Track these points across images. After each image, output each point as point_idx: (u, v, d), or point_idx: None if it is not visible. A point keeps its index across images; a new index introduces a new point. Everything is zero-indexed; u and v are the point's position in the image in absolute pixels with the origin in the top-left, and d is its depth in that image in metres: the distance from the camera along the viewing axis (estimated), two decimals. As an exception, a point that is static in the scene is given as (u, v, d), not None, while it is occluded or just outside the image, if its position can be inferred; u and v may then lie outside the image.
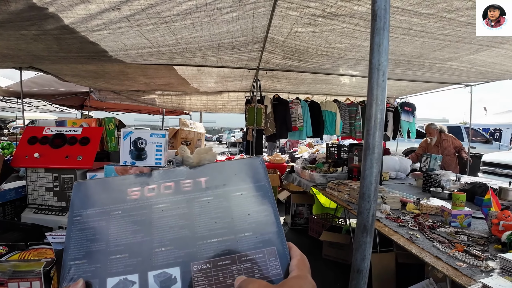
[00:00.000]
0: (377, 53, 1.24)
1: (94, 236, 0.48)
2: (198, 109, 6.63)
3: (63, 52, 2.93)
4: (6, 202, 1.85)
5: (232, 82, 5.07)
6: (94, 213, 0.50)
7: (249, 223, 0.51)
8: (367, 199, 1.28)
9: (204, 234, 0.49)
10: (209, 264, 0.47)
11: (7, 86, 6.94)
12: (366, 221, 1.28)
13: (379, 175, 1.25)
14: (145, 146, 1.56)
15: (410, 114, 6.78)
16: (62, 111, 9.33)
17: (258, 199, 0.53)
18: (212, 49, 3.03)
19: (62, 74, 4.77)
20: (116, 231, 0.49)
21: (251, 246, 0.49)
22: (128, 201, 0.51)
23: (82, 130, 1.94)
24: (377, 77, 1.25)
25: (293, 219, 5.22)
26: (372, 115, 1.24)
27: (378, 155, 1.24)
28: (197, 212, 0.51)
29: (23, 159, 1.85)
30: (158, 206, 0.51)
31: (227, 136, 24.59)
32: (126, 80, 4.93)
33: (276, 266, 0.48)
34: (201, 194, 0.53)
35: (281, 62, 3.68)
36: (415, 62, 3.56)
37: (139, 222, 0.50)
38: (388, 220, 2.64)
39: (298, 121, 5.60)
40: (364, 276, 1.30)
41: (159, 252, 0.47)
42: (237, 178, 0.55)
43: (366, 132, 1.26)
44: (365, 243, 1.29)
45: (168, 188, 0.53)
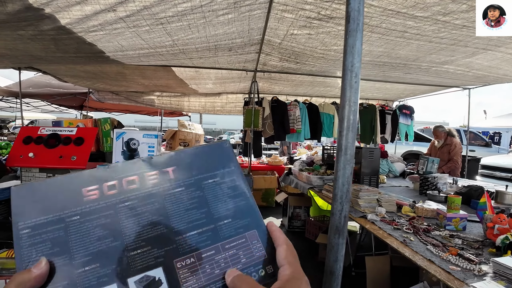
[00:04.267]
0: (350, 54, 1.25)
1: (52, 250, 0.42)
2: (197, 110, 6.64)
3: (60, 53, 2.94)
4: (0, 201, 1.85)
5: (230, 84, 5.08)
6: (46, 222, 0.43)
7: (226, 210, 0.49)
8: (339, 200, 1.28)
9: (182, 228, 0.47)
10: (193, 258, 0.45)
11: (6, 86, 6.96)
12: (338, 223, 1.29)
13: (351, 176, 1.25)
14: (137, 147, 1.56)
15: (408, 117, 6.79)
16: (62, 112, 9.34)
17: (231, 184, 0.52)
18: (209, 51, 3.04)
19: (61, 74, 4.77)
20: (78, 239, 0.43)
21: (232, 232, 0.48)
22: (86, 202, 0.45)
23: (76, 131, 1.95)
24: (350, 79, 1.25)
25: (290, 221, 5.22)
26: (345, 116, 1.25)
27: (350, 156, 1.25)
28: (170, 205, 0.48)
29: (18, 159, 1.85)
30: (124, 204, 0.46)
31: (227, 137, 24.61)
32: (124, 81, 4.93)
33: (259, 248, 0.48)
34: (170, 186, 0.49)
35: (278, 64, 3.69)
36: (411, 65, 3.56)
37: (105, 225, 0.44)
38: (383, 223, 2.64)
39: (296, 123, 5.60)
40: (336, 278, 1.30)
41: (135, 255, 0.43)
42: (206, 164, 0.52)
43: (339, 134, 1.27)
44: (337, 244, 1.29)
45: (131, 182, 0.48)
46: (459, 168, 5.10)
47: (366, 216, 2.81)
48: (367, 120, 6.34)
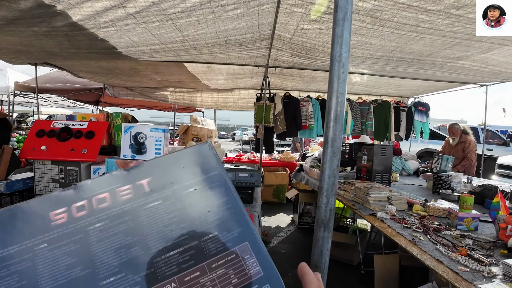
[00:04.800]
0: (338, 44, 1.21)
1: (20, 283, 0.38)
2: (209, 106, 6.68)
3: (74, 49, 2.99)
4: (14, 192, 1.91)
5: (242, 80, 5.08)
6: (14, 253, 0.39)
7: (211, 222, 0.43)
8: (325, 193, 1.26)
9: (160, 247, 0.41)
10: (174, 283, 0.39)
11: (24, 82, 7.14)
12: (323, 216, 1.27)
13: (338, 168, 1.24)
14: (145, 141, 1.59)
15: (424, 114, 6.65)
16: (78, 107, 9.54)
17: (215, 191, 0.46)
18: (220, 46, 3.04)
19: (76, 70, 4.87)
20: (46, 270, 0.39)
21: (219, 248, 0.42)
22: (54, 228, 0.41)
23: (87, 124, 1.99)
24: (338, 70, 1.22)
25: (300, 217, 5.21)
26: (331, 108, 1.22)
27: (337, 148, 1.23)
28: (146, 222, 0.42)
29: (31, 151, 1.91)
30: (94, 226, 0.41)
31: (240, 133, 24.66)
32: (138, 77, 5.00)
33: (253, 264, 0.41)
34: (146, 200, 0.44)
35: (289, 60, 3.67)
36: (425, 61, 3.49)
37: (74, 252, 0.40)
38: (393, 221, 2.62)
39: (308, 119, 5.56)
40: (321, 272, 1.28)
41: (108, 284, 0.38)
42: (186, 171, 0.46)
43: (326, 125, 1.25)
44: (322, 238, 1.27)
45: (102, 201, 0.43)
46: (474, 166, 4.98)
47: (375, 214, 2.78)
48: (381, 117, 6.24)
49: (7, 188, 1.87)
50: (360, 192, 3.08)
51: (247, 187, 2.65)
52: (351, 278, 3.54)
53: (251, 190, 2.66)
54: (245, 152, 9.97)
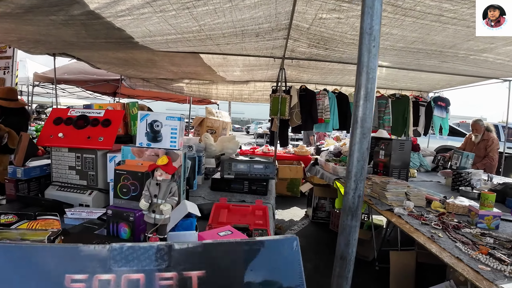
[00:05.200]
0: (368, 16, 1.15)
1: None
2: (225, 98, 6.67)
3: (91, 38, 3.01)
4: (31, 178, 1.94)
5: (258, 71, 5.04)
6: None
7: None
8: (353, 178, 1.20)
9: None
10: None
11: (43, 72, 7.28)
12: (351, 203, 1.21)
13: (368, 151, 1.18)
14: (160, 129, 1.58)
15: (443, 109, 6.47)
16: (96, 98, 9.69)
17: None
18: (236, 36, 3.01)
19: (94, 61, 4.92)
20: None
21: None
22: None
23: (104, 113, 2.00)
24: (368, 43, 1.16)
25: (314, 212, 5.17)
26: (362, 85, 1.16)
27: (367, 129, 1.17)
28: None
29: (48, 139, 1.93)
30: None
31: (255, 127, 24.65)
32: (154, 68, 5.02)
33: None
34: None
35: (307, 51, 3.60)
36: (448, 53, 3.37)
37: None
38: (410, 217, 2.56)
39: (324, 113, 5.49)
40: (348, 264, 1.23)
41: None
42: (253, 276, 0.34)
43: (355, 104, 1.19)
44: (350, 227, 1.21)
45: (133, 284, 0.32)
46: (495, 165, 4.83)
47: (392, 209, 2.73)
48: (400, 112, 6.11)
49: (24, 174, 1.90)
50: (377, 187, 3.02)
51: (262, 179, 2.62)
52: (366, 274, 3.49)
53: (265, 182, 2.64)
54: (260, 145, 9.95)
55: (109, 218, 1.39)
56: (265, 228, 1.68)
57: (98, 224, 1.54)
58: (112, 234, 1.39)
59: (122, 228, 1.37)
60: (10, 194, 1.87)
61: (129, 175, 1.36)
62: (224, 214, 1.87)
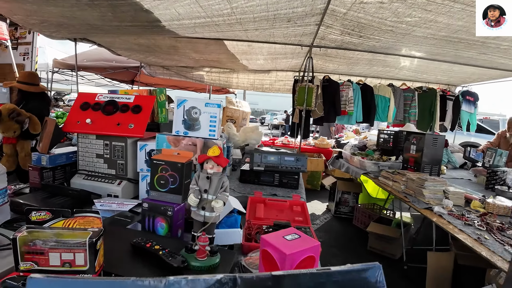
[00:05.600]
0: None
1: None
2: (245, 87, 6.51)
3: (117, 21, 2.90)
4: (56, 166, 1.84)
5: (282, 60, 4.86)
6: None
7: None
8: None
9: None
10: None
11: (62, 59, 7.24)
12: None
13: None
14: (199, 116, 1.45)
15: (472, 104, 6.19)
16: (114, 86, 9.65)
17: None
18: (267, 21, 2.85)
19: (115, 47, 4.83)
20: None
21: None
22: None
23: (134, 98, 1.88)
24: None
25: (337, 206, 5.01)
26: None
27: None
28: None
29: (75, 125, 1.82)
30: None
31: (270, 118, 24.46)
32: (176, 55, 4.90)
33: None
34: None
35: (338, 38, 3.41)
36: (490, 44, 3.15)
37: None
38: (451, 217, 2.42)
39: (348, 105, 5.31)
40: None
41: None
42: None
43: None
44: None
45: None
46: None
47: (431, 208, 2.57)
48: (426, 105, 5.87)
49: (50, 162, 1.79)
50: (412, 183, 2.85)
51: (293, 172, 2.49)
52: (392, 273, 3.35)
53: (297, 176, 2.50)
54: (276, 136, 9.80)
55: (144, 211, 1.28)
56: (307, 226, 1.55)
57: (130, 217, 1.43)
58: (147, 230, 1.28)
59: (159, 223, 1.26)
60: (34, 182, 1.77)
61: (167, 165, 1.24)
62: (260, 209, 1.74)
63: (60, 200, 1.56)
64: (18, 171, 2.71)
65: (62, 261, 0.74)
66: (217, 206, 0.93)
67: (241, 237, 1.24)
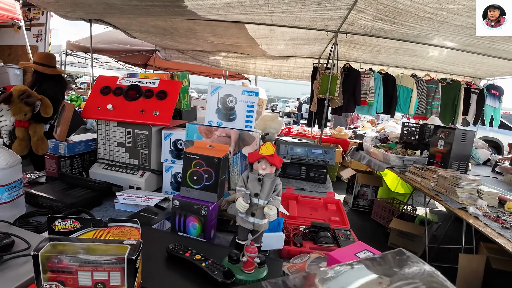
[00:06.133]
0: None
1: None
2: (263, 74, 6.31)
3: (136, 0, 2.74)
4: (74, 155, 1.72)
5: (303, 46, 4.65)
6: None
7: None
8: None
9: None
10: None
11: (76, 41, 7.13)
12: None
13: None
14: (234, 105, 1.30)
15: (496, 98, 5.91)
16: (128, 69, 9.54)
17: None
18: (296, 3, 2.66)
19: (131, 29, 4.68)
20: None
21: None
22: None
23: (159, 83, 1.74)
24: None
25: (355, 199, 4.87)
26: None
27: None
28: None
29: (95, 110, 1.69)
30: None
31: (282, 105, 24.16)
32: (193, 39, 4.73)
33: None
34: None
35: (368, 24, 3.21)
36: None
37: None
38: (488, 219, 2.27)
39: (368, 94, 5.09)
40: None
41: None
42: None
43: None
44: None
45: None
46: None
47: (465, 208, 2.41)
48: (450, 98, 5.62)
49: (68, 151, 1.67)
50: (445, 181, 2.69)
51: (321, 166, 2.35)
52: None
53: (325, 169, 2.36)
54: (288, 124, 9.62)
55: (175, 209, 1.15)
56: (347, 228, 1.42)
57: (156, 213, 1.31)
58: (178, 229, 1.16)
59: (191, 223, 1.14)
60: (51, 171, 1.66)
61: (202, 160, 1.11)
62: (293, 207, 1.61)
63: (80, 192, 1.45)
64: (31, 156, 2.62)
65: (94, 281, 0.61)
66: (271, 214, 0.79)
67: (283, 242, 1.11)
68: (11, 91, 2.30)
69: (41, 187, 1.50)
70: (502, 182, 3.66)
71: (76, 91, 9.72)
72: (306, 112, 15.71)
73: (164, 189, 1.66)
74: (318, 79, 4.27)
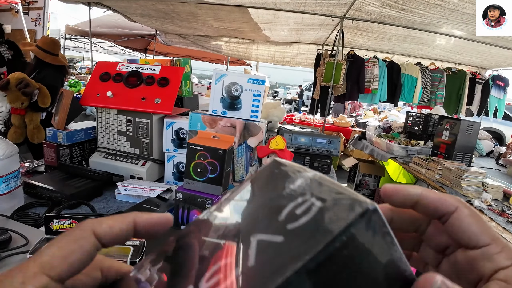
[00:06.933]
0: None
1: None
2: (265, 60, 6.21)
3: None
4: (74, 143, 1.67)
5: (307, 32, 4.55)
6: None
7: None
8: None
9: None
10: None
11: (75, 25, 6.99)
12: None
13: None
14: (240, 94, 1.25)
15: (501, 89, 5.84)
16: (127, 54, 9.40)
17: None
18: (302, -13, 2.58)
19: (130, 13, 4.57)
20: None
21: None
22: None
23: (160, 69, 1.68)
24: None
25: (356, 188, 4.84)
26: None
27: None
28: None
29: (94, 97, 1.63)
30: None
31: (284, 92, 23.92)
32: (195, 23, 4.62)
33: None
34: None
35: (376, 11, 3.12)
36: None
37: None
38: (492, 213, 2.24)
39: (372, 82, 5.01)
40: None
41: None
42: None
43: None
44: None
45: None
46: None
47: (470, 201, 2.38)
48: (454, 88, 5.54)
49: (67, 139, 1.62)
50: (450, 173, 2.65)
51: (325, 156, 2.30)
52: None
53: (329, 159, 2.32)
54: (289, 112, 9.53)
55: (178, 202, 1.12)
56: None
57: (158, 204, 1.27)
58: (181, 222, 1.12)
59: (194, 216, 1.10)
60: (50, 160, 1.61)
61: (206, 151, 1.06)
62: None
63: (80, 183, 1.40)
64: (29, 144, 2.57)
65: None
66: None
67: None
68: (8, 79, 2.23)
69: (40, 177, 1.45)
70: (506, 175, 3.62)
71: (76, 75, 9.57)
72: (308, 99, 15.55)
73: (166, 179, 1.62)
74: (321, 66, 4.18)
